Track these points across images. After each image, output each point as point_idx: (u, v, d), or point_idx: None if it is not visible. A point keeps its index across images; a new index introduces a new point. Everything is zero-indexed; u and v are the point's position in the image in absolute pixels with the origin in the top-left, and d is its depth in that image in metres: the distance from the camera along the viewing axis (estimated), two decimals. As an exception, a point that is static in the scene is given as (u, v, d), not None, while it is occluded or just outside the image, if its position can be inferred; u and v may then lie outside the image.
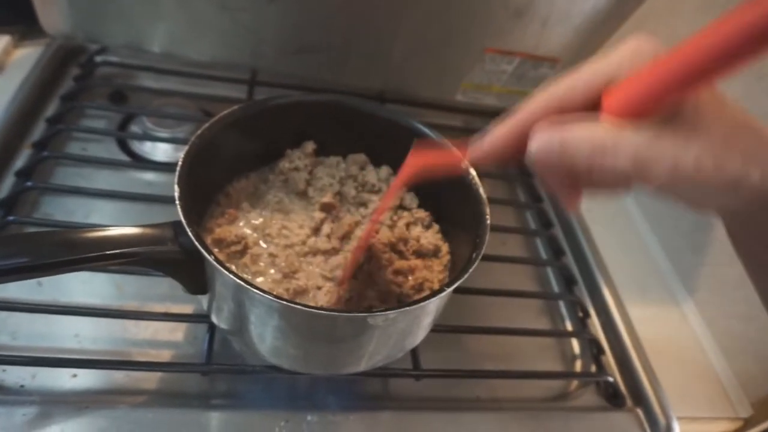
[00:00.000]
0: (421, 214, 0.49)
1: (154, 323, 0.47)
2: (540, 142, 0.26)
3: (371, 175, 0.49)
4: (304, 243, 0.43)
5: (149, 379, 0.44)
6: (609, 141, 0.25)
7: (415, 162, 0.36)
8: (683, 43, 0.24)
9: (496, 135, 0.29)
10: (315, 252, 0.43)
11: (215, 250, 0.43)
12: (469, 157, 0.31)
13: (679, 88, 0.24)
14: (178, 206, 0.36)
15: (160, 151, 0.62)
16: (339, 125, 0.50)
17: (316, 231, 0.45)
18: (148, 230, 0.37)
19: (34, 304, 0.45)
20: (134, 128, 0.63)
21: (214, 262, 0.34)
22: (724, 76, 0.23)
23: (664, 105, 0.25)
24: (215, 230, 0.43)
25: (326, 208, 0.46)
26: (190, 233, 0.35)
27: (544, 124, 0.26)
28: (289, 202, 0.47)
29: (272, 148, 0.49)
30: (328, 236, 0.44)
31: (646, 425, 0.50)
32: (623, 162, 0.24)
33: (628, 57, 0.26)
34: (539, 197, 0.69)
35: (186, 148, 0.40)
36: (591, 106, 0.26)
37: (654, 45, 0.26)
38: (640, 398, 0.52)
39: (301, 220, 0.45)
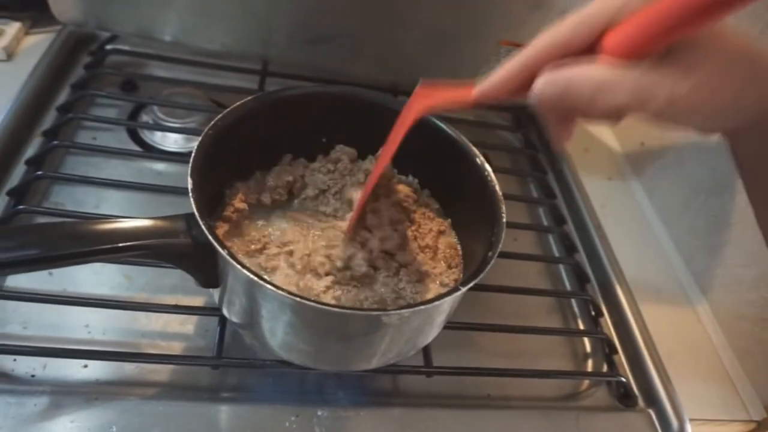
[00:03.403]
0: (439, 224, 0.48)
1: (164, 315, 0.47)
2: (545, 82, 0.28)
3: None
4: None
5: (159, 371, 0.44)
6: (608, 79, 0.27)
7: (422, 102, 0.36)
8: None
9: (502, 73, 0.30)
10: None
11: (234, 241, 0.43)
12: (476, 93, 0.32)
13: (673, 30, 0.25)
14: (192, 199, 0.36)
15: (170, 141, 0.62)
16: (352, 117, 0.49)
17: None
18: (160, 222, 0.36)
19: (44, 294, 0.44)
20: (144, 117, 0.63)
21: (227, 256, 0.33)
22: (717, 19, 0.24)
23: (660, 45, 0.26)
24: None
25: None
26: (203, 226, 0.34)
27: (549, 67, 0.28)
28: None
29: (284, 140, 0.49)
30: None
31: (658, 426, 0.49)
32: (622, 98, 0.27)
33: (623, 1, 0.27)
34: (552, 193, 0.68)
35: (199, 139, 0.40)
36: (593, 47, 0.28)
37: None
38: (652, 399, 0.51)
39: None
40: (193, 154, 0.38)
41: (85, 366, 0.43)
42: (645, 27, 0.26)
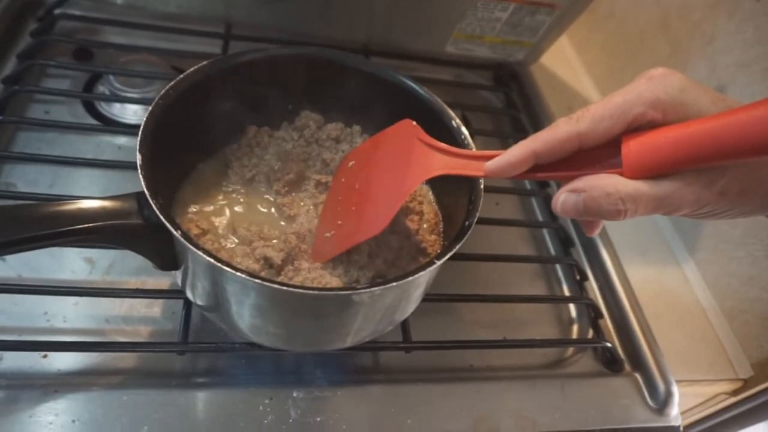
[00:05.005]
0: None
1: (128, 299, 0.44)
2: (565, 200, 0.28)
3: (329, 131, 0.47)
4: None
5: (125, 358, 0.42)
6: (629, 194, 0.26)
7: (433, 167, 0.35)
8: (724, 114, 0.23)
9: (515, 154, 0.30)
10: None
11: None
12: (485, 172, 0.32)
13: (708, 161, 0.24)
14: (141, 176, 0.33)
15: (130, 113, 0.58)
16: (319, 81, 0.46)
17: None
18: (108, 203, 0.33)
19: (-3, 281, 0.41)
20: (101, 88, 0.59)
21: (182, 238, 0.31)
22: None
23: (692, 168, 0.25)
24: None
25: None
26: (153, 205, 0.32)
27: (565, 187, 0.29)
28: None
29: (246, 108, 0.45)
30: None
31: (645, 390, 0.49)
32: (644, 210, 0.26)
33: (653, 95, 0.26)
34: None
35: (149, 109, 0.36)
36: (611, 141, 0.27)
37: (679, 79, 0.26)
38: (638, 363, 0.50)
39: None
40: (142, 127, 0.35)
41: (45, 356, 0.40)
42: (679, 149, 0.24)
